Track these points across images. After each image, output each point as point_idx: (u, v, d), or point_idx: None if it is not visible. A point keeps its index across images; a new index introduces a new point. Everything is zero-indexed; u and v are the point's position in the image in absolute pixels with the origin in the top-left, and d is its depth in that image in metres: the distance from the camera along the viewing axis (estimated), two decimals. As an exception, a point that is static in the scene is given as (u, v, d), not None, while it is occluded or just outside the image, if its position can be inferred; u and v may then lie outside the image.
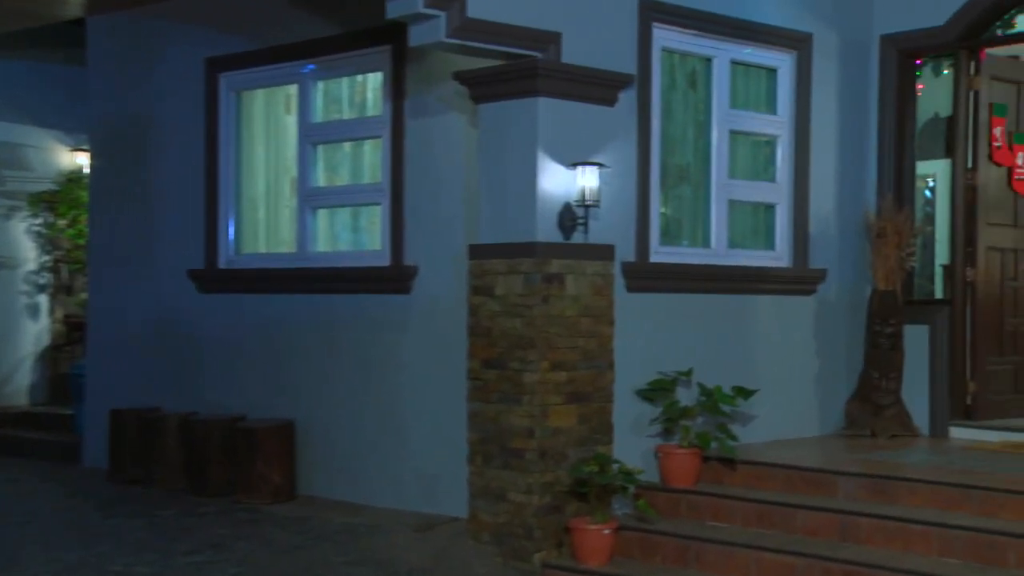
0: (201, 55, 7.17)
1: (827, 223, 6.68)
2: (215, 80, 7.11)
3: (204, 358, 7.15)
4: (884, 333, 6.48)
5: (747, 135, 6.44)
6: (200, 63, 7.17)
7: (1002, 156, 6.71)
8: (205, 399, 7.08)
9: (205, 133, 7.16)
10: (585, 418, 5.50)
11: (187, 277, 7.25)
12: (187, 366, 7.23)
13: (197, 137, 7.20)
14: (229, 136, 7.12)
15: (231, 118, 7.12)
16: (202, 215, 7.17)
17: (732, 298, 6.21)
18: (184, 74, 7.26)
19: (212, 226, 7.14)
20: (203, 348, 7.16)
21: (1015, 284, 6.83)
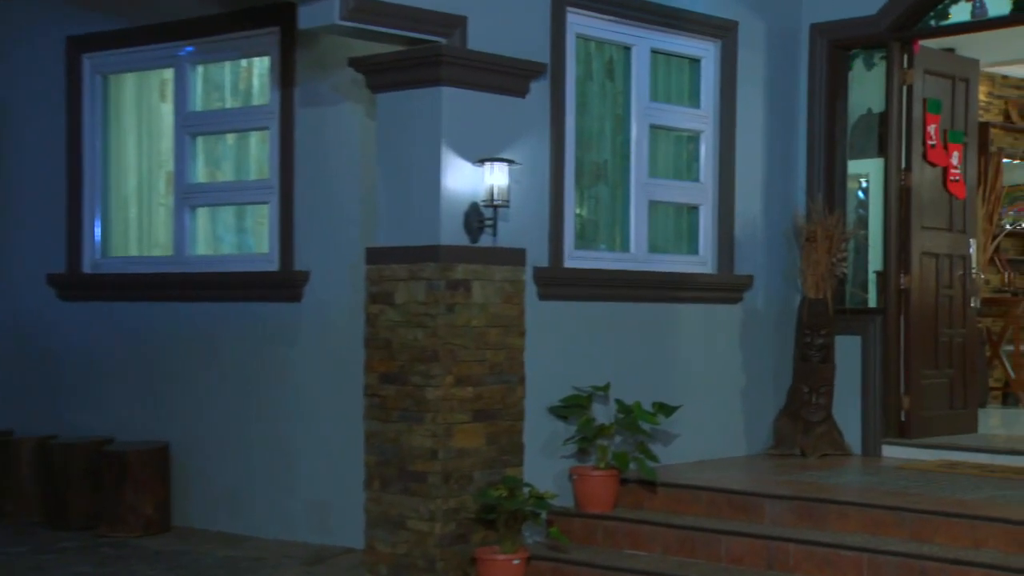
0: (62, 33, 7.03)
1: (754, 226, 6.84)
2: (78, 62, 6.98)
3: (65, 374, 7.01)
4: (814, 345, 6.65)
5: (669, 130, 6.56)
6: (61, 42, 7.03)
7: (937, 156, 6.95)
8: (66, 420, 6.94)
9: (67, 121, 7.03)
10: (493, 438, 5.53)
11: (46, 283, 7.10)
12: (45, 383, 7.08)
13: (58, 126, 7.06)
14: (95, 125, 7.00)
15: (97, 105, 7.00)
16: (63, 213, 7.03)
17: (653, 307, 6.31)
18: (43, 55, 7.12)
19: (75, 226, 7.01)
20: (64, 363, 7.02)
21: (950, 292, 7.08)
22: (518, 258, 5.67)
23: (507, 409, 5.59)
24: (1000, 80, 10.25)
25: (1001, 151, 9.95)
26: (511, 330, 5.62)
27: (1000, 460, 6.24)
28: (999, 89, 10.26)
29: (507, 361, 5.60)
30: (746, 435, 6.77)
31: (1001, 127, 10.06)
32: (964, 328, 7.15)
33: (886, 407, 6.73)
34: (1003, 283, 9.78)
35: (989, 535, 4.87)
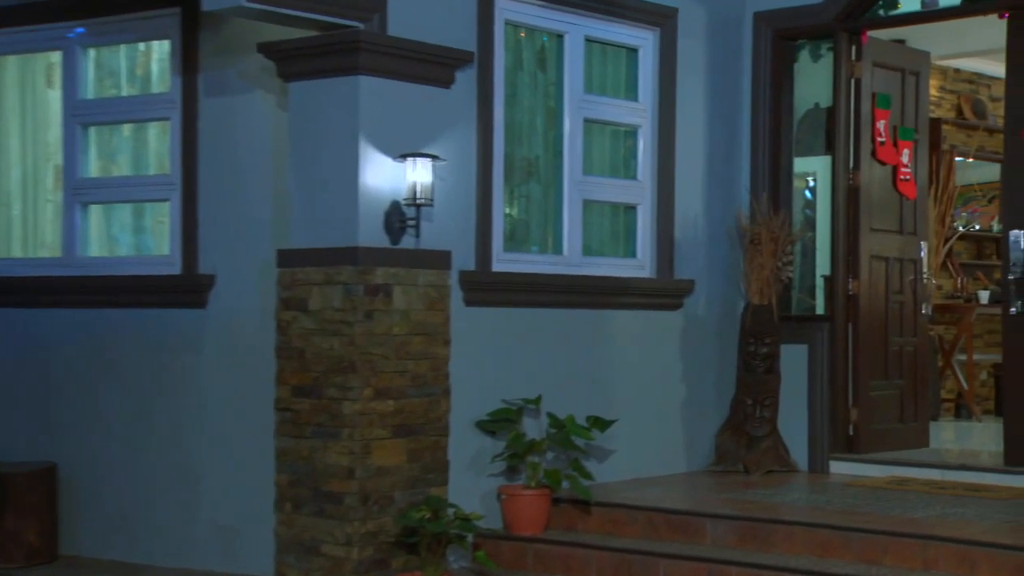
0: (-62, 11, 6.89)
1: (695, 228, 6.93)
2: (-45, 43, 6.86)
3: (-58, 388, 6.87)
4: (758, 354, 6.76)
5: (605, 124, 6.62)
6: (-64, 21, 6.89)
7: (886, 153, 7.10)
8: (-58, 440, 6.80)
9: (-57, 109, 6.90)
10: (415, 455, 5.54)
11: (-81, 287, 6.95)
12: (-81, 399, 6.93)
13: (-67, 113, 6.93)
14: (-26, 113, 6.88)
15: (-23, 91, 6.89)
16: (-61, 210, 6.91)
17: (588, 313, 6.37)
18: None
19: (-48, 224, 6.89)
20: (-60, 376, 6.88)
21: (900, 298, 7.25)
22: (443, 261, 5.69)
23: (430, 424, 5.61)
24: (952, 74, 10.51)
25: (953, 149, 10.19)
26: (435, 339, 5.63)
27: (952, 476, 6.39)
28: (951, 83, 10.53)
29: (431, 372, 5.61)
30: (686, 451, 6.85)
31: (953, 123, 10.31)
32: (915, 336, 7.32)
33: (834, 420, 6.87)
34: (956, 288, 10.01)
35: (940, 555, 4.98)
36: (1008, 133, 6.43)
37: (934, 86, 10.03)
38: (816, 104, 7.23)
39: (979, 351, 9.88)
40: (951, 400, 9.68)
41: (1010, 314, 6.34)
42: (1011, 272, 6.32)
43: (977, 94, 10.75)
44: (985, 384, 10.15)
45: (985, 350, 10.08)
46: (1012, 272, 6.31)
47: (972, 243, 10.70)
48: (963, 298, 9.92)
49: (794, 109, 7.20)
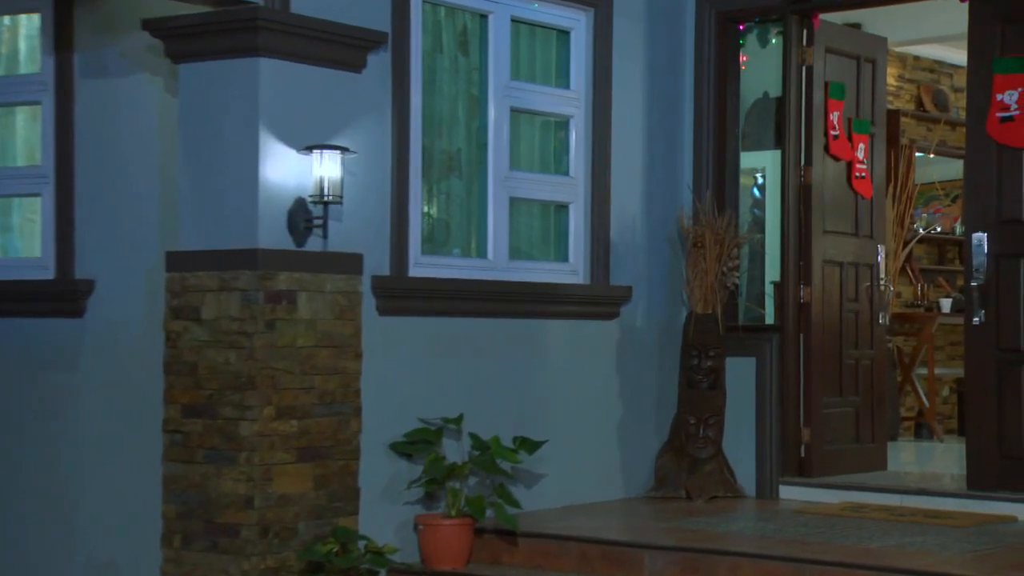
0: None
1: (633, 229, 6.98)
2: None
3: None
4: (702, 368, 6.83)
5: (533, 115, 6.64)
6: None
7: (840, 148, 7.22)
8: None
9: None
10: (322, 481, 5.52)
11: None
12: None
13: None
14: None
15: None
16: None
17: (515, 323, 6.39)
18: None
19: None
20: None
21: (856, 307, 7.37)
22: (353, 265, 5.68)
23: (339, 446, 5.59)
24: (911, 62, 10.73)
25: (913, 144, 10.40)
26: (345, 351, 5.62)
27: (912, 501, 6.50)
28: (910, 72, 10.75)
29: (340, 389, 5.60)
30: (623, 475, 6.90)
31: (913, 116, 10.53)
32: (872, 349, 7.44)
33: (784, 441, 6.96)
34: (916, 296, 10.20)
35: (898, 587, 5.06)
36: (970, 126, 6.57)
37: (892, 75, 10.23)
38: (765, 93, 7.32)
39: (941, 365, 10.08)
40: (911, 418, 9.86)
41: (973, 324, 6.47)
42: (974, 278, 6.45)
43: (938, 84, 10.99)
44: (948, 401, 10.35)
45: (948, 363, 10.28)
46: (975, 278, 6.45)
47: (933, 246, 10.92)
48: (924, 307, 10.11)
49: (741, 99, 7.28)
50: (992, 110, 6.40)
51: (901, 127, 10.17)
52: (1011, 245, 6.41)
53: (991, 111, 6.41)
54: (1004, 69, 6.38)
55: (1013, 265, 6.41)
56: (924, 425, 9.70)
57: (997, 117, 6.39)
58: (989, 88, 6.42)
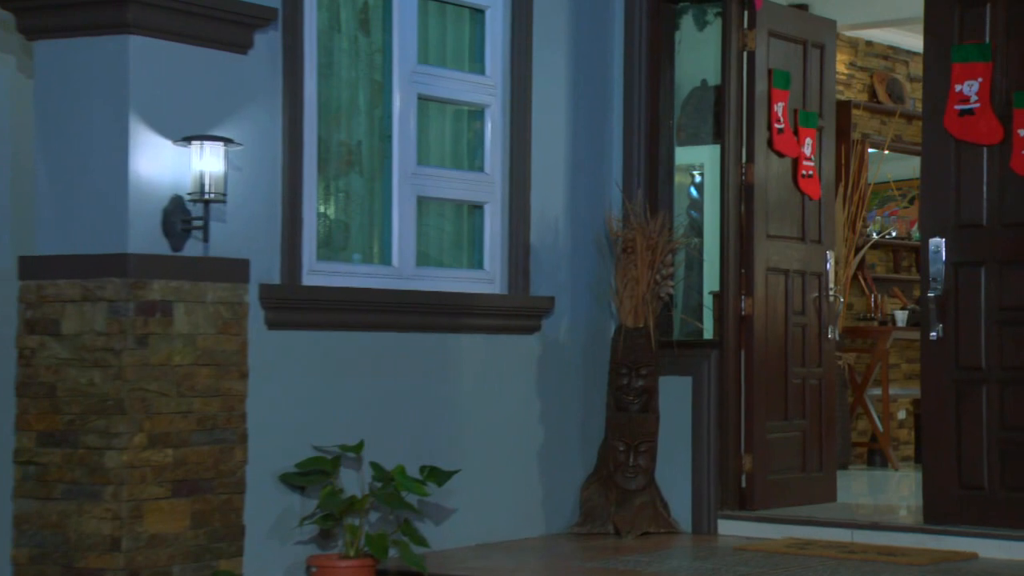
0: None
1: (555, 232, 6.99)
2: None
3: None
4: (632, 388, 6.84)
5: (444, 103, 6.64)
6: None
7: (785, 143, 7.27)
8: None
9: None
10: (201, 518, 5.46)
11: None
12: None
13: None
14: None
15: None
16: None
17: (423, 337, 6.37)
18: None
19: None
20: None
21: (803, 320, 7.42)
22: (239, 272, 5.63)
23: (221, 478, 5.53)
24: (863, 47, 10.85)
25: (866, 139, 10.51)
26: (228, 370, 5.58)
27: (863, 537, 6.56)
28: (862, 59, 10.86)
29: (222, 413, 5.55)
30: (545, 508, 6.90)
31: (865, 108, 10.64)
32: (820, 367, 7.50)
33: (723, 470, 6.99)
34: (869, 308, 10.29)
35: (848, 632, 5.13)
36: (927, 120, 6.65)
37: (842, 62, 10.34)
38: (703, 82, 7.37)
39: (897, 384, 10.18)
40: (863, 444, 9.95)
41: (930, 339, 6.54)
42: (931, 288, 6.52)
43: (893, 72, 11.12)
44: (904, 425, 10.46)
45: (904, 383, 10.39)
46: (932, 288, 6.52)
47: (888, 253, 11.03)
48: (877, 320, 10.21)
49: (676, 87, 7.33)
50: (950, 102, 6.48)
51: (852, 120, 10.28)
52: (971, 252, 6.49)
53: (949, 103, 6.49)
54: (963, 57, 6.46)
55: (973, 274, 6.49)
56: (878, 452, 9.79)
57: (956, 110, 6.47)
58: (947, 78, 6.50)
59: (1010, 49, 6.39)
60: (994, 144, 6.41)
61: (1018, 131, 6.31)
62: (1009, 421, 6.35)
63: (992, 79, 6.41)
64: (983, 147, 6.45)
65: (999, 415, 6.37)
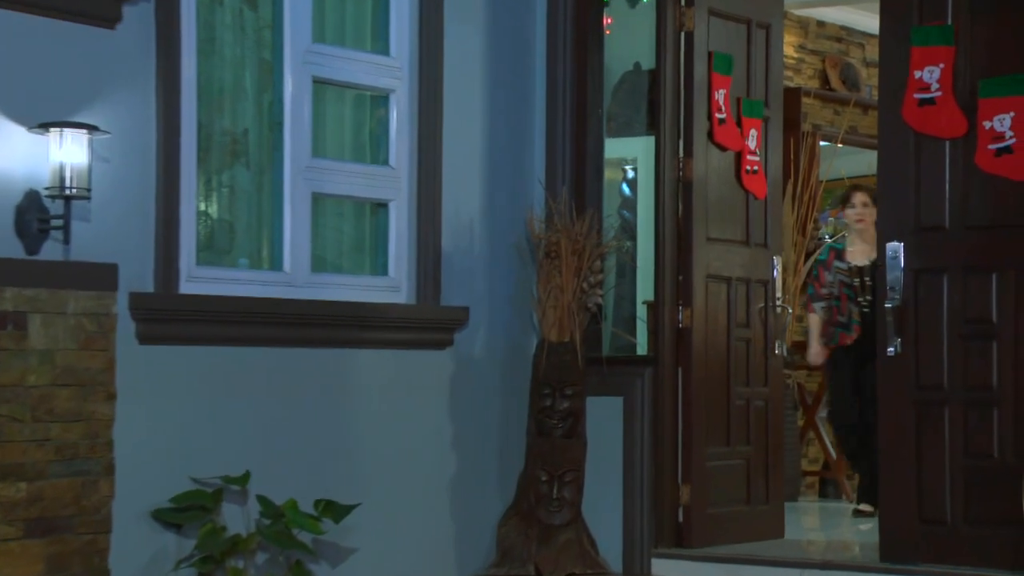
0: None
1: (470, 235, 6.99)
2: None
3: None
4: (556, 411, 6.84)
5: (343, 87, 6.62)
6: None
7: (727, 135, 7.30)
8: None
9: None
10: (59, 562, 5.39)
11: None
12: None
13: None
14: None
15: None
16: None
17: (319, 354, 6.34)
18: None
19: None
20: None
21: (747, 333, 7.45)
22: (106, 279, 5.59)
23: (83, 516, 5.46)
24: (814, 28, 10.93)
25: (817, 130, 10.59)
26: (93, 391, 5.52)
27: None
28: (813, 41, 10.95)
29: (85, 441, 5.48)
30: (457, 547, 6.89)
31: (817, 96, 10.73)
32: (767, 386, 7.53)
33: (658, 503, 7.00)
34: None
35: None
36: (883, 110, 6.70)
37: (791, 44, 10.41)
38: (636, 65, 7.40)
39: (852, 405, 10.23)
40: (814, 473, 10.01)
41: (887, 356, 6.58)
42: (889, 299, 6.56)
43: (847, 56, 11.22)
44: (860, 450, 10.51)
45: (860, 404, 10.45)
46: (890, 299, 6.56)
47: (842, 259, 11.10)
48: (830, 333, 10.26)
49: (606, 72, 7.34)
50: (909, 90, 6.53)
51: (802, 109, 10.36)
52: (933, 257, 6.54)
53: (908, 92, 6.53)
54: (923, 40, 6.51)
55: (935, 282, 6.53)
56: (830, 482, 9.85)
57: (915, 99, 6.52)
58: (906, 63, 6.54)
59: (975, 32, 6.45)
60: (957, 137, 6.46)
61: (983, 123, 6.36)
62: (974, 447, 6.40)
63: (955, 65, 6.46)
64: (945, 141, 6.50)
65: (963, 440, 6.42)
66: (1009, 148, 6.32)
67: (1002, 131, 6.32)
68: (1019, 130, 6.28)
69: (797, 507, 8.84)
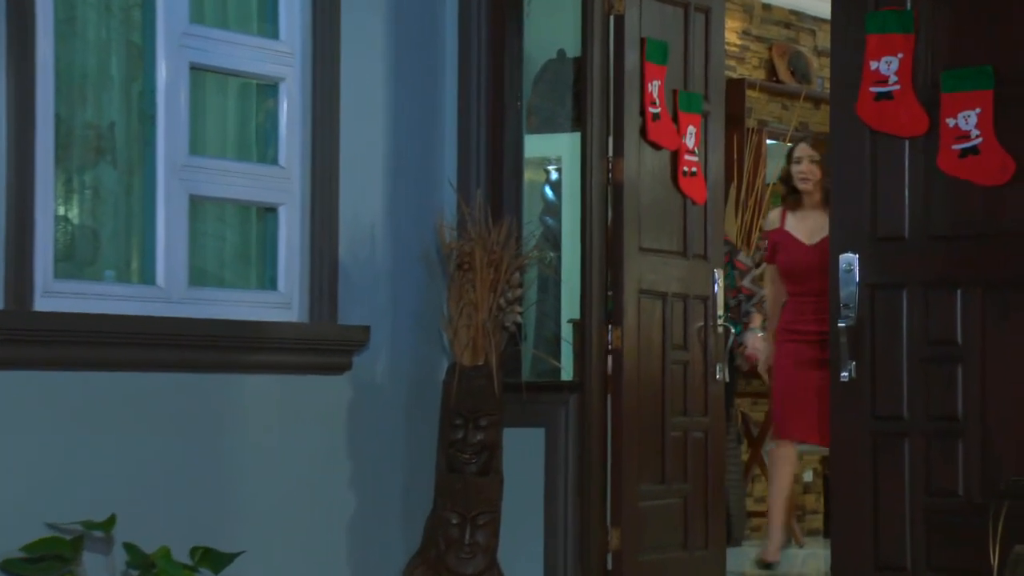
0: None
1: (372, 244, 6.97)
2: None
3: None
4: (469, 444, 6.82)
5: (226, 75, 6.61)
6: None
7: (662, 133, 7.30)
8: None
9: None
10: None
11: None
12: None
13: None
14: None
15: None
16: None
17: (197, 379, 6.30)
18: None
19: None
20: None
21: (684, 356, 7.46)
22: (-53, 294, 5.52)
23: (-82, 568, 5.41)
24: (760, 12, 10.99)
25: (764, 127, 10.64)
26: (-68, 423, 5.45)
27: (759, 632, 6.66)
28: (758, 27, 11.00)
29: (-77, 480, 5.42)
30: (355, 599, 6.88)
31: (763, 88, 10.78)
32: (707, 416, 7.56)
33: (584, 548, 7.00)
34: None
35: None
36: (836, 105, 6.74)
37: (734, 31, 10.46)
38: (560, 53, 7.43)
39: (803, 437, 10.28)
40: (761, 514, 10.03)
41: (841, 381, 6.59)
42: (842, 317, 6.58)
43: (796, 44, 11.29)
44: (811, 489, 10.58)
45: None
46: (844, 317, 6.58)
47: (792, 272, 11.15)
48: (777, 355, 10.30)
49: (526, 60, 7.35)
50: (864, 83, 6.57)
51: (747, 104, 10.41)
52: (891, 271, 6.58)
53: (863, 85, 6.57)
54: (879, 27, 6.55)
55: (893, 299, 6.56)
56: (779, 522, 9.88)
57: (871, 93, 6.56)
58: (860, 53, 6.57)
59: (937, 18, 6.51)
60: (917, 136, 6.50)
61: (946, 120, 6.41)
62: (937, 484, 6.44)
63: (915, 55, 6.50)
64: (904, 140, 6.54)
65: (924, 477, 6.45)
66: (975, 148, 6.36)
67: (967, 129, 6.37)
68: (985, 128, 6.33)
69: (740, 552, 8.88)
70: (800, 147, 8.73)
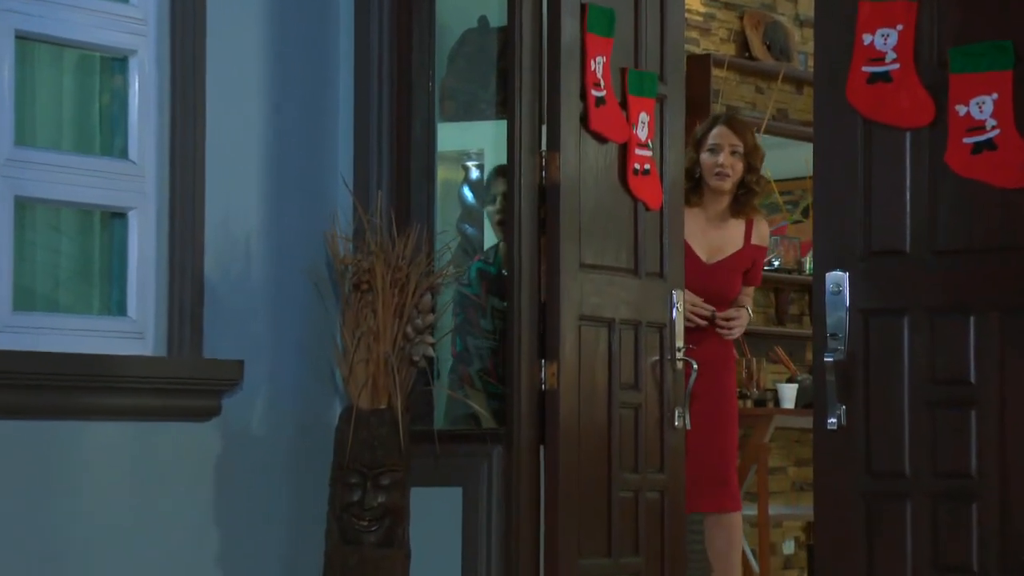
0: None
1: (246, 258, 6.99)
2: None
3: None
4: (368, 508, 6.80)
5: (61, 46, 6.60)
6: None
7: (608, 121, 7.31)
8: None
9: None
10: None
11: None
12: None
13: None
14: None
15: None
16: None
17: (26, 428, 6.27)
18: None
19: None
20: None
21: (637, 398, 7.47)
22: None
23: None
24: (727, -25, 11.06)
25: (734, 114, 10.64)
26: None
27: None
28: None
29: None
30: None
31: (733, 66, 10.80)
32: (663, 472, 7.56)
33: (510, 632, 7.05)
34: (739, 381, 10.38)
35: None
36: (821, 88, 6.73)
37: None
38: (482, 20, 7.49)
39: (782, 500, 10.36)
40: (731, 588, 10.06)
41: (827, 429, 6.59)
42: (828, 350, 6.57)
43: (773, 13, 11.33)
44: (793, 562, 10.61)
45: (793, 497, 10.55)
46: (830, 350, 6.57)
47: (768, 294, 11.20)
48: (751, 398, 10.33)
49: (440, 29, 7.40)
50: (856, 62, 6.57)
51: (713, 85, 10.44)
52: (889, 294, 6.59)
53: (854, 64, 6.57)
54: (874, -8, 6.58)
55: (892, 327, 6.56)
56: (753, 601, 9.92)
57: (864, 73, 6.55)
58: (851, 24, 6.58)
59: (946, -19, 6.53)
60: (920, 127, 6.50)
61: (956, 108, 6.40)
62: (946, 557, 6.42)
63: (917, 27, 6.50)
64: (905, 131, 6.54)
65: (931, 547, 6.44)
66: (990, 142, 6.35)
67: (981, 119, 6.37)
68: (1004, 117, 6.32)
69: (707, 637, 8.87)
70: (718, 130, 8.53)
